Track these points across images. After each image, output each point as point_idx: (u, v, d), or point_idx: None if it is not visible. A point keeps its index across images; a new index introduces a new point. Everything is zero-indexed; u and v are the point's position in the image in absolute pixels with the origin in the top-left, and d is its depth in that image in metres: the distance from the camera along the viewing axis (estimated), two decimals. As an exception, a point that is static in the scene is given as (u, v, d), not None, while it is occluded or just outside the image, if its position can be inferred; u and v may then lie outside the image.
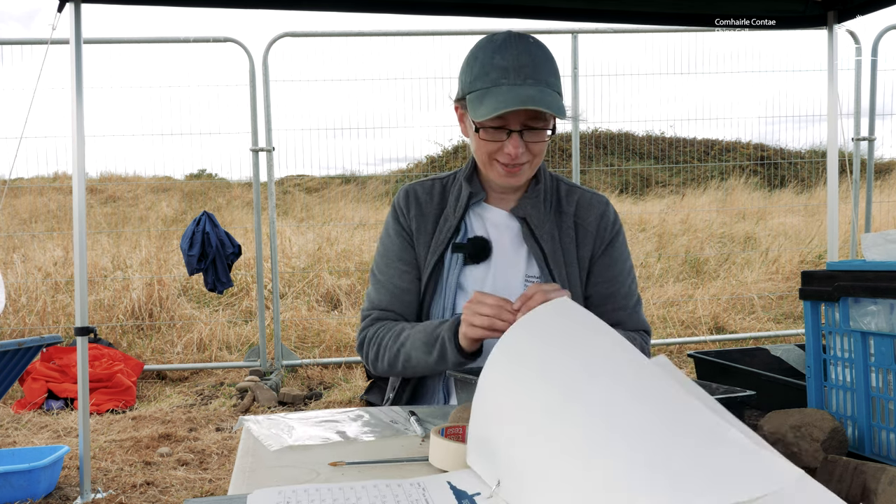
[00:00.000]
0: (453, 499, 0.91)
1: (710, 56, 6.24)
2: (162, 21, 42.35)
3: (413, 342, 1.51)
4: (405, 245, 1.66)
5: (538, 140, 1.50)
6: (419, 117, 6.30)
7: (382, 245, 1.70)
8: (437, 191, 1.68)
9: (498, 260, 1.62)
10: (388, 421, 1.38)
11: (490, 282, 1.61)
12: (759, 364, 1.52)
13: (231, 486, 1.06)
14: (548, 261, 1.59)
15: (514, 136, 1.47)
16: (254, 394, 4.82)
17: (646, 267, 7.30)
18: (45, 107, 5.33)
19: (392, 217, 1.69)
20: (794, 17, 3.25)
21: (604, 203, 1.69)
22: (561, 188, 1.68)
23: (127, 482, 3.42)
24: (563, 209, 1.65)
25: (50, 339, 3.21)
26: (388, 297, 1.65)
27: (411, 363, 1.52)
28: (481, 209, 1.66)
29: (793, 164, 9.13)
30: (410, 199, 1.67)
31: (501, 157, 1.51)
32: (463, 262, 1.61)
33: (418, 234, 1.65)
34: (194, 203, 7.96)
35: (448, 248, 1.62)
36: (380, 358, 1.59)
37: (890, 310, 1.03)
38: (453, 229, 1.62)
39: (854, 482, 0.90)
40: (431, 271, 1.61)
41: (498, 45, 1.48)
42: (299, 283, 6.85)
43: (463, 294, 1.61)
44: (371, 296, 1.69)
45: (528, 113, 1.45)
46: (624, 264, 1.67)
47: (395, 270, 1.65)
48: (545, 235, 1.61)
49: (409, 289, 1.65)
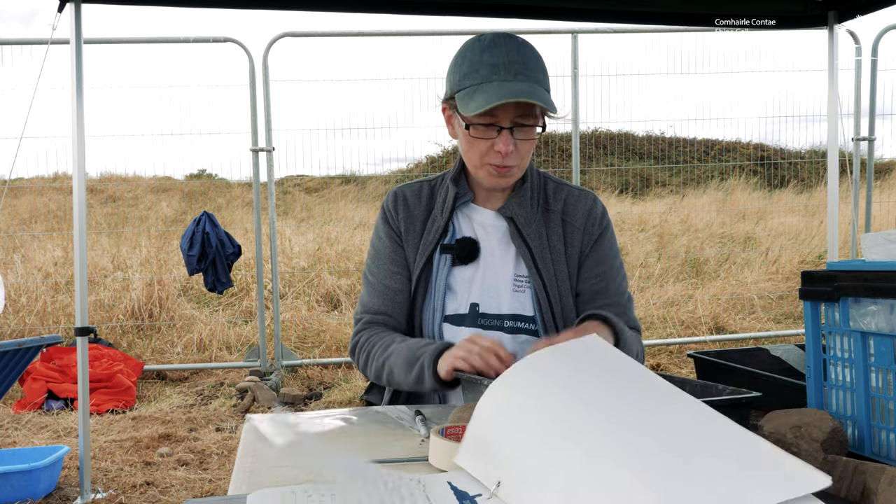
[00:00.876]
0: (454, 499, 0.91)
1: (711, 56, 6.22)
2: (162, 21, 42.36)
3: (396, 358, 1.52)
4: (395, 247, 1.67)
5: (528, 137, 1.51)
6: (419, 117, 6.29)
7: (373, 248, 1.71)
8: (426, 192, 1.69)
9: (486, 260, 1.62)
10: (394, 417, 1.39)
11: (478, 282, 1.61)
12: (759, 364, 1.52)
13: (231, 486, 1.06)
14: (535, 260, 1.59)
15: (504, 133, 1.47)
16: (254, 394, 4.82)
17: (646, 267, 7.29)
18: (46, 107, 5.32)
19: (381, 220, 1.70)
20: (794, 17, 3.25)
21: (591, 199, 1.68)
22: (548, 186, 1.68)
23: (127, 482, 3.42)
24: (551, 207, 1.65)
25: (50, 339, 3.21)
26: (380, 299, 1.66)
27: (394, 377, 1.53)
28: (469, 210, 1.66)
29: (793, 164, 9.12)
30: (399, 202, 1.68)
31: (492, 156, 1.51)
32: (451, 263, 1.61)
33: (407, 235, 1.66)
34: (194, 203, 7.96)
35: (437, 249, 1.62)
36: (368, 366, 1.61)
37: (890, 310, 1.03)
38: (441, 230, 1.63)
39: (854, 482, 0.90)
40: (420, 272, 1.62)
41: (486, 43, 1.48)
42: (299, 284, 6.85)
43: (452, 295, 1.62)
44: (363, 299, 1.70)
45: (518, 110, 1.46)
46: (614, 261, 1.67)
47: (386, 272, 1.66)
48: (532, 234, 1.61)
49: (400, 290, 1.65)
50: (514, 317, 1.61)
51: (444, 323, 1.61)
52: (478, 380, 1.30)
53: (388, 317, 1.65)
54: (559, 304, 1.60)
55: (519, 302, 1.61)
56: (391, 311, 1.65)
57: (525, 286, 1.61)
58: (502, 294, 1.61)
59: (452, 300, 1.61)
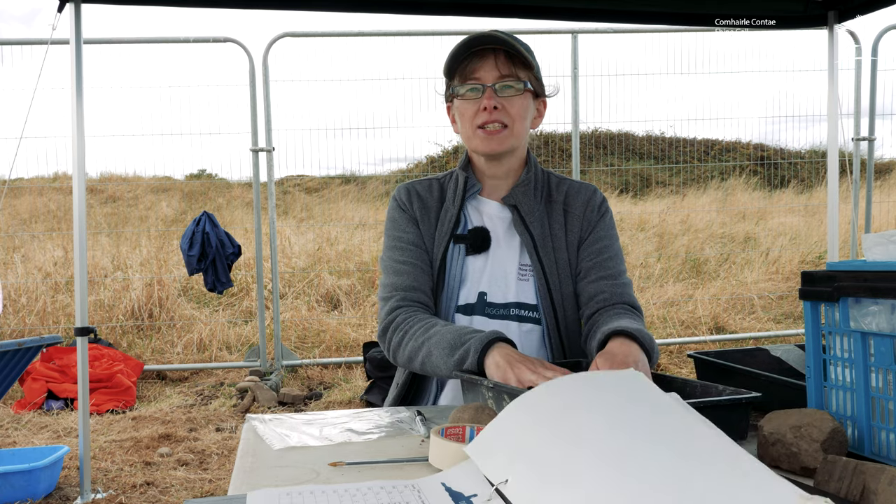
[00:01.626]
0: (450, 500, 0.91)
1: (711, 56, 6.22)
2: (162, 21, 42.36)
3: (440, 339, 1.46)
4: (417, 231, 1.66)
5: (512, 95, 1.57)
6: (419, 117, 6.30)
7: (391, 237, 1.67)
8: (436, 188, 1.72)
9: (495, 250, 1.65)
10: (394, 417, 1.39)
11: (488, 271, 1.64)
12: (759, 364, 1.52)
13: (231, 486, 1.06)
14: (537, 247, 1.62)
15: (488, 90, 1.55)
16: (254, 394, 4.82)
17: (646, 267, 7.29)
18: (45, 107, 5.33)
19: (397, 209, 1.69)
20: (794, 17, 3.25)
21: (591, 190, 1.73)
22: (551, 180, 1.73)
23: (127, 482, 3.42)
24: (553, 198, 1.70)
25: (50, 340, 3.21)
26: (411, 278, 1.61)
27: (431, 360, 1.47)
28: (477, 202, 1.69)
29: (793, 164, 9.12)
30: (412, 194, 1.70)
31: (480, 117, 1.57)
32: (465, 253, 1.64)
33: (423, 226, 1.67)
34: (194, 203, 7.96)
35: (451, 240, 1.64)
36: (402, 346, 1.54)
37: (890, 310, 1.03)
38: (454, 220, 1.65)
39: (854, 482, 0.90)
40: (440, 263, 1.64)
41: (474, 34, 1.58)
42: (299, 283, 6.85)
43: (464, 284, 1.63)
44: (390, 280, 1.63)
45: (499, 68, 1.55)
46: (610, 241, 1.69)
47: (412, 254, 1.64)
48: (535, 222, 1.64)
49: (426, 269, 1.63)
50: (517, 305, 1.63)
51: (455, 313, 1.63)
52: (478, 380, 1.31)
53: (419, 293, 1.61)
54: (559, 293, 1.63)
55: (523, 290, 1.64)
56: (421, 287, 1.61)
57: (529, 275, 1.64)
58: (509, 283, 1.64)
59: (465, 289, 1.64)
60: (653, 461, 0.85)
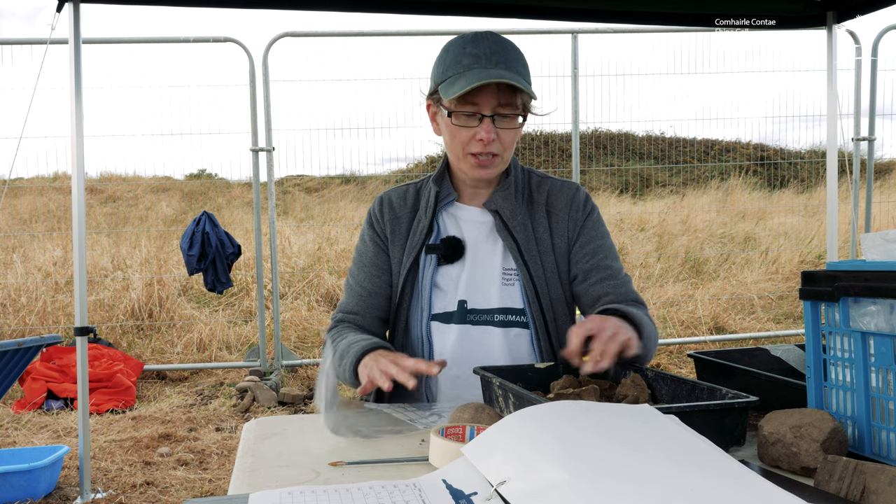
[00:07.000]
0: (450, 499, 0.91)
1: (711, 56, 6.22)
2: (162, 21, 42.38)
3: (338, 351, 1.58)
4: (378, 251, 1.71)
5: (509, 127, 1.54)
6: (419, 117, 6.29)
7: (357, 252, 1.77)
8: (411, 195, 1.73)
9: (474, 257, 1.65)
10: (394, 417, 1.39)
11: (465, 279, 1.63)
12: (759, 364, 1.52)
13: (231, 486, 1.06)
14: (522, 252, 1.62)
15: (486, 121, 1.51)
16: (254, 394, 4.82)
17: (646, 267, 7.29)
18: (45, 107, 5.33)
19: (367, 225, 1.75)
20: (794, 17, 3.25)
21: (574, 188, 1.71)
22: (532, 179, 1.71)
23: (127, 482, 3.42)
24: (535, 199, 1.68)
25: (50, 339, 3.21)
26: (355, 300, 1.72)
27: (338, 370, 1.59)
28: (454, 209, 1.69)
29: (793, 164, 9.12)
30: (385, 206, 1.73)
31: (474, 145, 1.54)
32: (437, 263, 1.64)
33: (393, 237, 1.69)
34: (194, 203, 7.95)
35: (422, 250, 1.65)
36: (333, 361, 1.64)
37: (890, 310, 1.03)
38: (426, 230, 1.65)
39: (854, 482, 0.90)
40: (408, 273, 1.65)
41: (469, 38, 1.53)
42: (299, 283, 6.85)
43: (440, 294, 1.64)
44: (341, 301, 1.77)
45: (499, 98, 1.49)
46: (603, 240, 1.68)
47: (367, 274, 1.71)
48: (518, 227, 1.63)
49: (377, 292, 1.70)
50: (504, 310, 1.63)
51: (431, 321, 1.64)
52: (490, 378, 1.31)
53: (358, 316, 1.71)
54: (547, 296, 1.62)
55: (508, 295, 1.63)
56: (362, 312, 1.71)
57: (514, 279, 1.64)
58: (491, 289, 1.64)
59: (440, 299, 1.64)
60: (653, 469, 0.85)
